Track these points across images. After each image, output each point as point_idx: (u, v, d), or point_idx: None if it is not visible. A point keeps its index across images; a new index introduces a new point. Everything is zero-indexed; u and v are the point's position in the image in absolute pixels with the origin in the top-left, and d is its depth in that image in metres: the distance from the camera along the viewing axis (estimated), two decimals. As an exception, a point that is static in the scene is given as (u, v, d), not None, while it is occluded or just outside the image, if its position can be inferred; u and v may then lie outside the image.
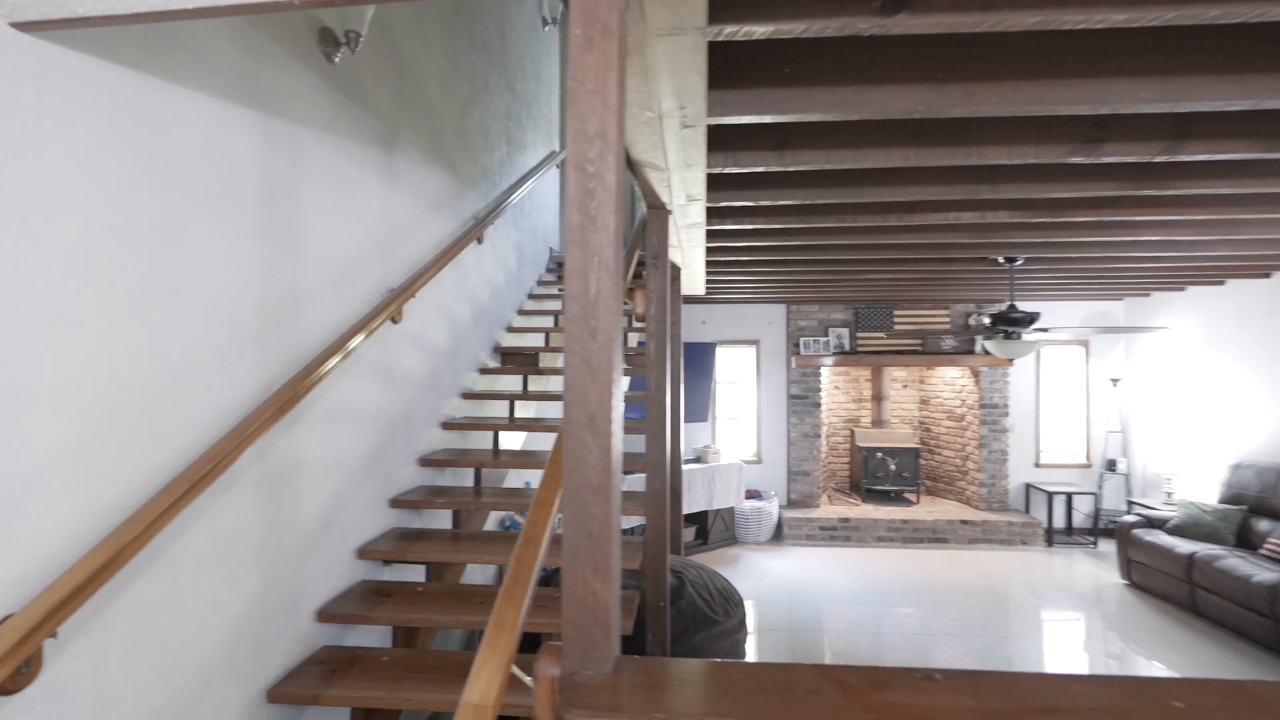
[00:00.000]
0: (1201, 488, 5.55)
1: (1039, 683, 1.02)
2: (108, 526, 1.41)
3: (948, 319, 6.73)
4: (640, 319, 2.52)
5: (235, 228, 1.81)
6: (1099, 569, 5.68)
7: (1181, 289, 5.83)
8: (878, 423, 7.37)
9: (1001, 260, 4.16)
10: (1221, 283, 5.42)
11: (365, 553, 2.35)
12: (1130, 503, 6.02)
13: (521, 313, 4.44)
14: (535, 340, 4.23)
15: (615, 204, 1.05)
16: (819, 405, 6.75)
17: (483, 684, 0.99)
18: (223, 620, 1.74)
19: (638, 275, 2.64)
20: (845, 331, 6.68)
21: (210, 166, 1.73)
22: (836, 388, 7.60)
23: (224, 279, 1.77)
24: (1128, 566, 5.20)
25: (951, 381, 7.15)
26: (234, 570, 1.78)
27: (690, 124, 1.68)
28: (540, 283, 4.94)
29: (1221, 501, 5.04)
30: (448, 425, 3.13)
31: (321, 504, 2.16)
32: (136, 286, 1.51)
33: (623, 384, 1.10)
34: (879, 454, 6.93)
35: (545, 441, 3.96)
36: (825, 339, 6.67)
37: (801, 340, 6.68)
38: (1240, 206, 2.84)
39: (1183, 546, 4.66)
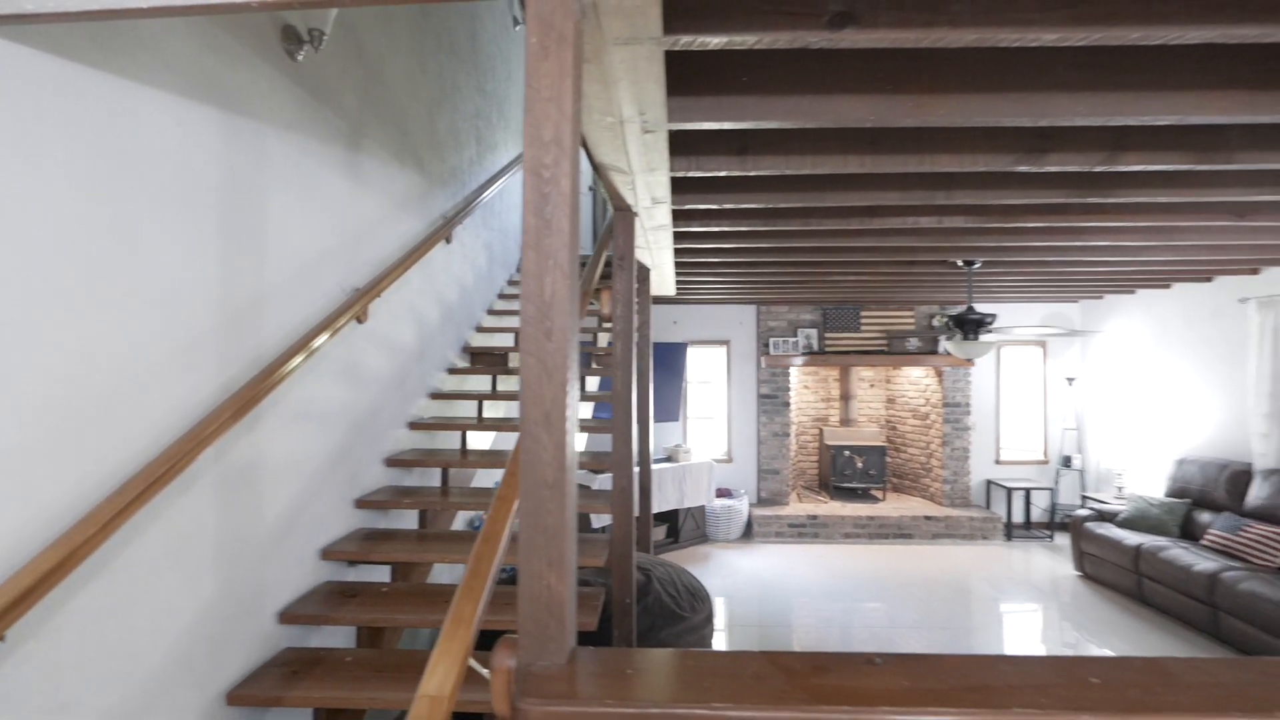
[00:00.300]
0: (1150, 482, 5.79)
1: (971, 664, 1.08)
2: (59, 528, 1.39)
3: (912, 320, 6.90)
4: (608, 319, 2.55)
5: (195, 226, 1.80)
6: (1055, 561, 5.89)
7: (1132, 292, 6.07)
8: (845, 421, 7.52)
9: (960, 263, 4.29)
10: (1168, 286, 5.67)
11: (329, 553, 2.34)
12: (1084, 497, 6.25)
13: (491, 312, 4.43)
14: (505, 340, 4.24)
15: (570, 208, 1.08)
16: (788, 405, 6.86)
17: (439, 677, 1.01)
18: (180, 623, 1.72)
19: (607, 276, 2.67)
20: (814, 332, 6.80)
21: (169, 164, 1.71)
22: (806, 387, 7.73)
23: (183, 278, 1.76)
24: (1081, 558, 5.40)
25: (916, 381, 7.33)
26: (192, 572, 1.76)
27: (651, 129, 1.72)
28: (511, 282, 4.94)
29: (1168, 495, 5.27)
30: (415, 425, 3.12)
31: (284, 505, 2.15)
32: (90, 285, 1.49)
33: (578, 384, 1.13)
34: (846, 452, 7.07)
35: (514, 441, 3.96)
36: (794, 339, 6.79)
37: (771, 340, 6.78)
38: (1178, 214, 2.98)
39: (1131, 539, 4.87)
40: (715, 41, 1.37)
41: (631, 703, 0.97)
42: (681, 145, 2.14)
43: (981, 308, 6.48)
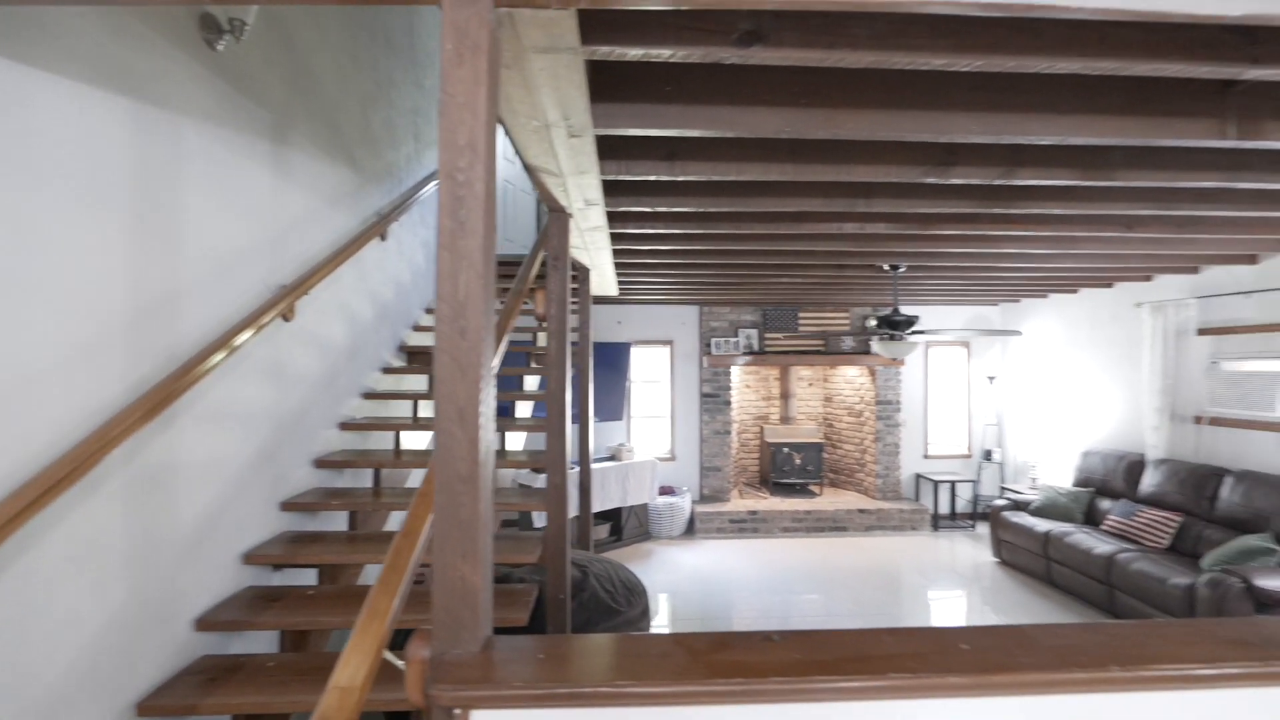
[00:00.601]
0: (1060, 473, 6.22)
1: (859, 637, 1.17)
2: (-54, 535, 1.33)
3: (847, 321, 7.18)
4: (543, 319, 2.58)
5: (101, 218, 1.73)
6: (977, 550, 6.24)
7: (1044, 296, 6.51)
8: (785, 419, 7.75)
9: (886, 267, 4.52)
10: (1075, 291, 6.10)
11: (252, 557, 2.28)
12: (1002, 488, 6.66)
13: (430, 311, 4.38)
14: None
15: (484, 211, 1.12)
16: (729, 403, 7.02)
17: (351, 669, 1.03)
18: (85, 632, 1.65)
19: (542, 276, 2.70)
20: (754, 332, 6.98)
21: (71, 153, 1.64)
22: (747, 386, 7.92)
23: (87, 272, 1.69)
24: (999, 546, 5.76)
25: (852, 380, 7.63)
26: (98, 579, 1.69)
27: (577, 134, 1.76)
28: (450, 281, 4.87)
29: (1075, 485, 5.68)
30: (346, 425, 3.06)
31: (201, 508, 2.08)
32: (-18, 280, 1.42)
33: (493, 381, 1.17)
34: (785, 449, 7.29)
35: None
36: (735, 339, 6.95)
37: (713, 341, 6.93)
38: (1075, 225, 3.24)
39: (1041, 526, 5.22)
40: (633, 53, 1.43)
41: (540, 684, 1.01)
42: (611, 150, 2.19)
43: (908, 310, 6.81)
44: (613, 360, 6.52)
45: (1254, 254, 4.33)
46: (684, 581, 5.44)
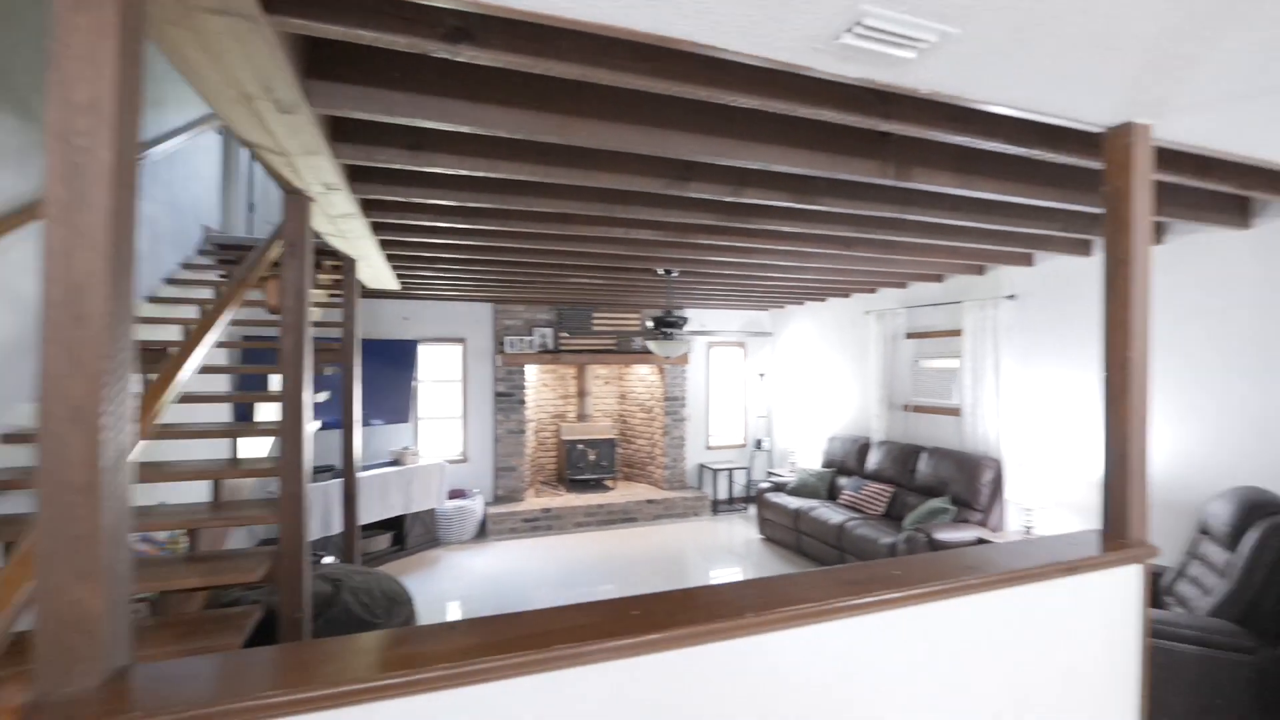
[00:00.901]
0: (813, 457, 7.21)
1: (545, 615, 1.24)
2: None
3: (638, 321, 7.58)
4: (274, 311, 2.34)
5: None
6: (748, 529, 6.98)
7: (801, 303, 7.50)
8: (582, 417, 7.95)
9: (661, 272, 4.86)
10: (824, 299, 7.12)
11: None
12: (769, 473, 7.54)
13: (155, 300, 3.73)
14: (173, 333, 3.60)
15: (110, 182, 0.98)
16: (524, 402, 7.01)
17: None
18: None
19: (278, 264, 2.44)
20: (549, 331, 7.06)
21: None
22: (545, 385, 7.98)
23: None
24: (763, 524, 6.51)
25: (644, 378, 8.07)
26: None
27: (287, 110, 1.63)
28: (188, 265, 4.20)
29: (823, 466, 6.63)
30: (13, 438, 2.48)
31: None
32: None
33: (128, 376, 1.03)
34: (580, 446, 7.48)
35: (181, 450, 3.38)
36: (531, 338, 6.96)
37: (507, 339, 6.86)
38: (803, 241, 3.77)
39: (794, 503, 6.01)
40: (335, 31, 1.35)
41: (170, 710, 0.91)
42: (348, 133, 2.06)
43: (690, 313, 7.40)
44: (397, 358, 6.14)
45: (940, 274, 5.43)
46: (475, 585, 5.30)
